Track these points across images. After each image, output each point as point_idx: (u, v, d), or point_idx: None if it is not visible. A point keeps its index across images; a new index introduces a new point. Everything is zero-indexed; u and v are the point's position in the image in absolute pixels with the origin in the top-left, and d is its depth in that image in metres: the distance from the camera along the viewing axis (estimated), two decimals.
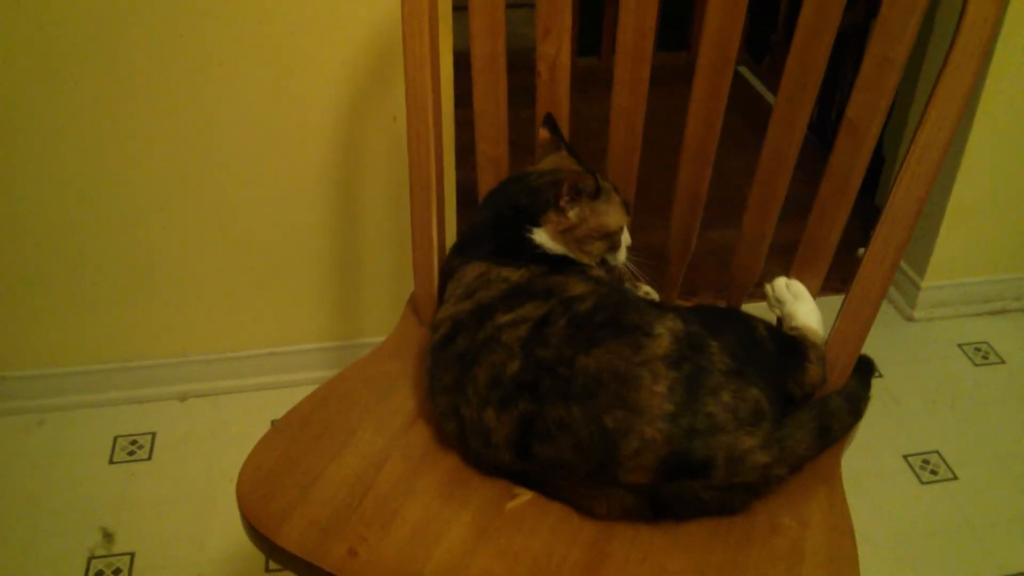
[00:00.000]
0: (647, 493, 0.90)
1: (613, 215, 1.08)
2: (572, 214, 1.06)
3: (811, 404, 1.00)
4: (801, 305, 1.11)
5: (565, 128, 1.21)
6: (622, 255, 1.11)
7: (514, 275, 1.03)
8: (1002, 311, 2.06)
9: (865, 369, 1.09)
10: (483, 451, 0.95)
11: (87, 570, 1.45)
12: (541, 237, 1.06)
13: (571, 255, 1.07)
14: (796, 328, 1.09)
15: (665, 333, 0.92)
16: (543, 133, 1.19)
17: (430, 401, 1.03)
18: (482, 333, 0.97)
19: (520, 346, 0.93)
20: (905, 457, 1.69)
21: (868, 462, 1.67)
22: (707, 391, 0.90)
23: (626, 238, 1.12)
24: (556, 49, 1.19)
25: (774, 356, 1.02)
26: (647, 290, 1.23)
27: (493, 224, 1.10)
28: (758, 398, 0.92)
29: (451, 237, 1.66)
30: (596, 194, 1.06)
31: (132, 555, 1.48)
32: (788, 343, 1.06)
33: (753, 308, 1.15)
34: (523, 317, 0.96)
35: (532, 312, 0.96)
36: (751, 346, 1.00)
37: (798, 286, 1.13)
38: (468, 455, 0.98)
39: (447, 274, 1.10)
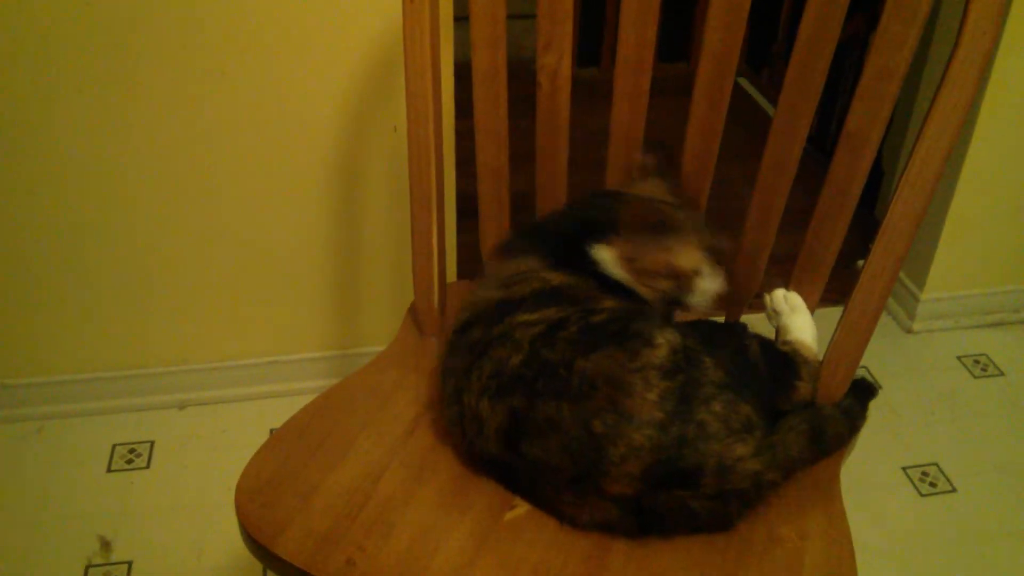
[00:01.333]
0: (633, 506, 0.90)
1: (685, 256, 1.06)
2: (631, 245, 1.04)
3: (803, 409, 1.00)
4: (796, 318, 1.10)
5: (564, 140, 1.21)
6: (698, 298, 1.07)
7: (555, 279, 1.02)
8: (1001, 323, 2.05)
9: (865, 392, 1.08)
10: (476, 440, 0.96)
11: None
12: (602, 253, 1.05)
13: (632, 286, 1.05)
14: (789, 343, 1.08)
15: (664, 344, 0.92)
16: (647, 157, 1.17)
17: (440, 382, 1.03)
18: (498, 328, 0.97)
19: (528, 342, 0.94)
20: (904, 469, 1.69)
21: (867, 474, 1.67)
22: (699, 401, 0.90)
23: (710, 284, 1.07)
24: (557, 60, 1.19)
25: (765, 378, 1.01)
26: None
27: (559, 227, 1.11)
28: (749, 413, 0.91)
29: (451, 247, 1.67)
30: (663, 230, 1.05)
31: (130, 564, 1.48)
32: (780, 360, 1.05)
33: (752, 319, 1.15)
34: (542, 319, 0.96)
35: (552, 315, 0.97)
36: (743, 366, 1.00)
37: (795, 298, 1.12)
38: (463, 443, 0.98)
39: (499, 252, 1.10)
